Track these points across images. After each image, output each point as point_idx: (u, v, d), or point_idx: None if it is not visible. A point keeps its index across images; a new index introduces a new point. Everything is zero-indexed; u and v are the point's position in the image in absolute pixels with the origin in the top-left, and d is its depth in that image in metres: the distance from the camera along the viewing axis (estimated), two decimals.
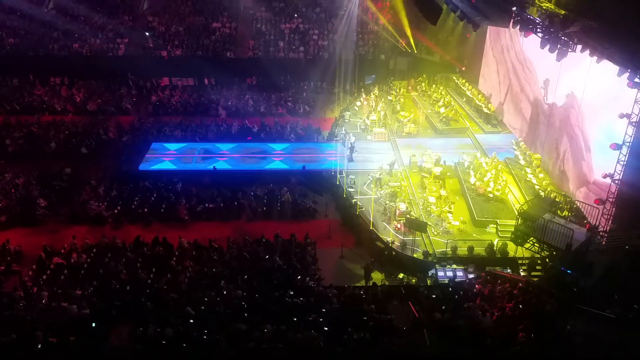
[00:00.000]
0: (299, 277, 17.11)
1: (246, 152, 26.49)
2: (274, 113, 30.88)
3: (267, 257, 17.94)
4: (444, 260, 18.30)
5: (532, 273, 17.66)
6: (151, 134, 28.00)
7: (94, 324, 13.76)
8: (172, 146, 26.90)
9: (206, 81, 34.62)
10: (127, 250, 18.45)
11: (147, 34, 35.26)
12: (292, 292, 15.39)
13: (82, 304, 14.87)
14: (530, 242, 17.10)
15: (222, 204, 21.80)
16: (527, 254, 18.02)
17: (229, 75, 32.99)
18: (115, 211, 21.43)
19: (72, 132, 27.82)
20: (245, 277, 16.80)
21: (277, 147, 27.04)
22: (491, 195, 20.96)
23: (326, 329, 13.24)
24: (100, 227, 20.69)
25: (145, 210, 21.45)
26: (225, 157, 26.00)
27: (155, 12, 36.81)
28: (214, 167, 24.77)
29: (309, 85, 34.63)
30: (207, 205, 21.71)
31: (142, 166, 24.92)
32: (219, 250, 18.54)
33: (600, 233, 16.77)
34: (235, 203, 21.93)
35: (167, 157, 25.88)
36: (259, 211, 21.79)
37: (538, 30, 19.44)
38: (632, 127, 15.81)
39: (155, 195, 22.30)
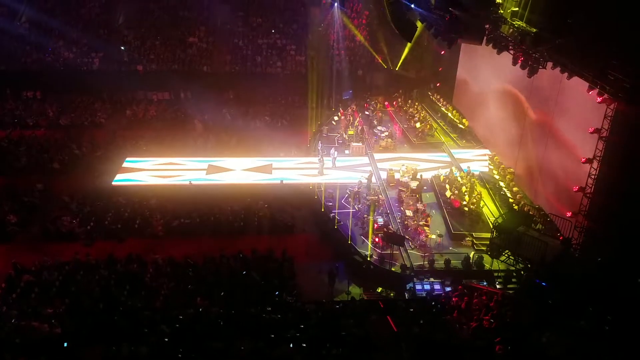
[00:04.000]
0: (277, 292, 16.95)
1: (223, 165, 26.32)
2: (252, 127, 30.79)
3: (244, 272, 17.73)
4: (422, 273, 18.39)
5: (508, 285, 17.87)
6: (125, 148, 27.59)
7: (65, 344, 13.33)
8: (147, 161, 26.55)
9: (182, 95, 34.39)
10: (100, 267, 18.00)
11: (122, 47, 34.95)
12: (269, 308, 15.23)
13: (54, 323, 14.42)
14: (506, 255, 17.30)
15: (198, 219, 21.51)
16: (502, 267, 18.25)
17: (205, 89, 32.79)
18: (88, 227, 20.93)
19: (44, 147, 27.22)
20: (222, 293, 16.55)
21: (255, 161, 26.93)
22: (466, 209, 21.22)
23: (304, 345, 13.11)
24: (72, 243, 20.14)
25: (119, 226, 21.01)
26: (202, 171, 25.79)
27: (131, 26, 36.54)
28: (190, 182, 24.52)
29: (287, 100, 34.73)
30: (182, 220, 21.39)
31: (116, 181, 24.52)
32: (195, 266, 18.24)
33: (574, 245, 17.09)
34: (212, 218, 21.68)
35: (141, 172, 25.51)
36: (236, 226, 21.56)
37: (510, 47, 19.95)
38: (602, 142, 16.26)
39: (129, 210, 21.88)
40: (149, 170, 25.73)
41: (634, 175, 14.75)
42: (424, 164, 26.00)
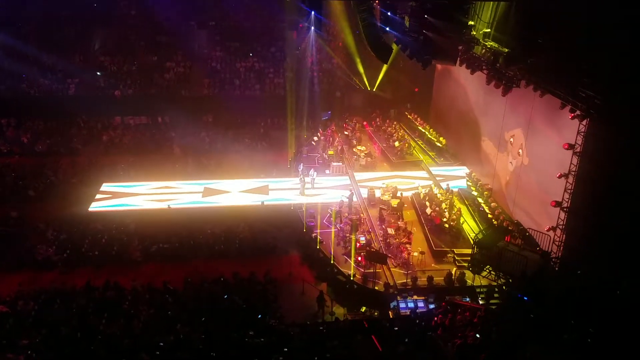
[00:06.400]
0: (260, 316, 16.71)
1: (202, 189, 26.10)
2: (231, 150, 30.70)
3: (225, 297, 17.46)
4: (405, 291, 18.37)
5: (491, 301, 17.93)
6: (103, 174, 27.19)
7: None
8: (125, 186, 26.19)
9: (160, 119, 34.21)
10: (77, 295, 17.54)
11: (98, 73, 34.74)
12: (252, 332, 14.99)
13: (30, 354, 13.92)
14: (487, 270, 17.44)
15: (177, 244, 21.19)
16: (484, 282, 18.35)
17: (183, 113, 32.65)
18: (65, 255, 20.45)
19: (19, 175, 26.68)
20: (203, 319, 16.24)
21: (251, 182, 26.85)
22: (447, 225, 21.38)
23: None
24: (48, 272, 19.67)
25: (96, 253, 20.58)
26: (181, 195, 25.52)
27: (107, 52, 36.41)
28: (169, 205, 24.22)
29: (266, 122, 34.87)
30: (161, 245, 21.05)
31: (93, 207, 24.09)
32: (174, 292, 17.91)
33: (553, 259, 17.31)
34: (191, 242, 21.38)
35: (118, 198, 25.13)
36: (217, 249, 21.29)
37: (484, 67, 20.47)
38: (577, 157, 16.64)
39: (106, 237, 21.46)
40: (144, 195, 25.48)
41: (608, 190, 15.08)
42: (403, 182, 26.23)
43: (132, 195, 25.43)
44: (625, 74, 14.13)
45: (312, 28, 34.64)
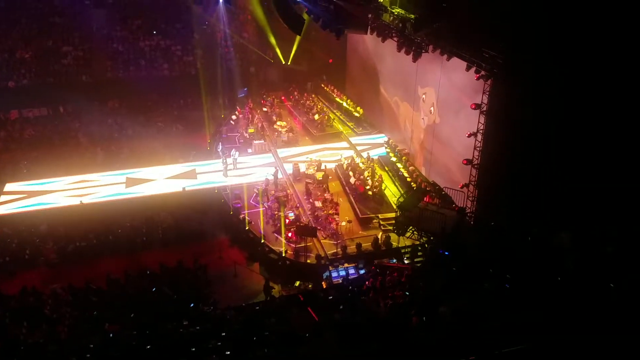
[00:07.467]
0: (192, 304, 16.38)
1: (125, 179, 24.81)
2: (144, 135, 29.28)
3: (153, 289, 16.91)
4: (336, 260, 18.78)
5: (415, 259, 18.81)
6: (4, 173, 25.00)
7: None
8: (30, 184, 24.30)
9: (61, 109, 31.78)
10: None
11: None
12: (186, 322, 14.68)
13: None
14: (410, 231, 18.20)
15: (95, 240, 20.11)
16: (408, 243, 19.17)
17: (87, 100, 30.50)
18: None
19: None
20: (132, 314, 15.66)
21: (177, 167, 25.80)
22: (370, 193, 21.96)
23: (228, 352, 12.82)
24: None
25: (7, 259, 19.08)
26: (101, 187, 24.14)
27: None
28: (81, 201, 22.78)
29: (179, 103, 33.52)
30: (78, 244, 19.88)
31: None
32: (98, 291, 17.07)
33: (468, 214, 18.38)
34: (110, 237, 20.37)
35: (25, 198, 23.28)
36: (139, 242, 20.46)
37: (393, 34, 20.81)
38: (484, 116, 17.55)
39: (16, 241, 19.91)
40: (60, 191, 23.70)
41: (513, 145, 16.11)
42: (326, 154, 26.44)
43: (47, 193, 23.63)
44: (525, 32, 14.91)
45: (220, 1, 33.49)
